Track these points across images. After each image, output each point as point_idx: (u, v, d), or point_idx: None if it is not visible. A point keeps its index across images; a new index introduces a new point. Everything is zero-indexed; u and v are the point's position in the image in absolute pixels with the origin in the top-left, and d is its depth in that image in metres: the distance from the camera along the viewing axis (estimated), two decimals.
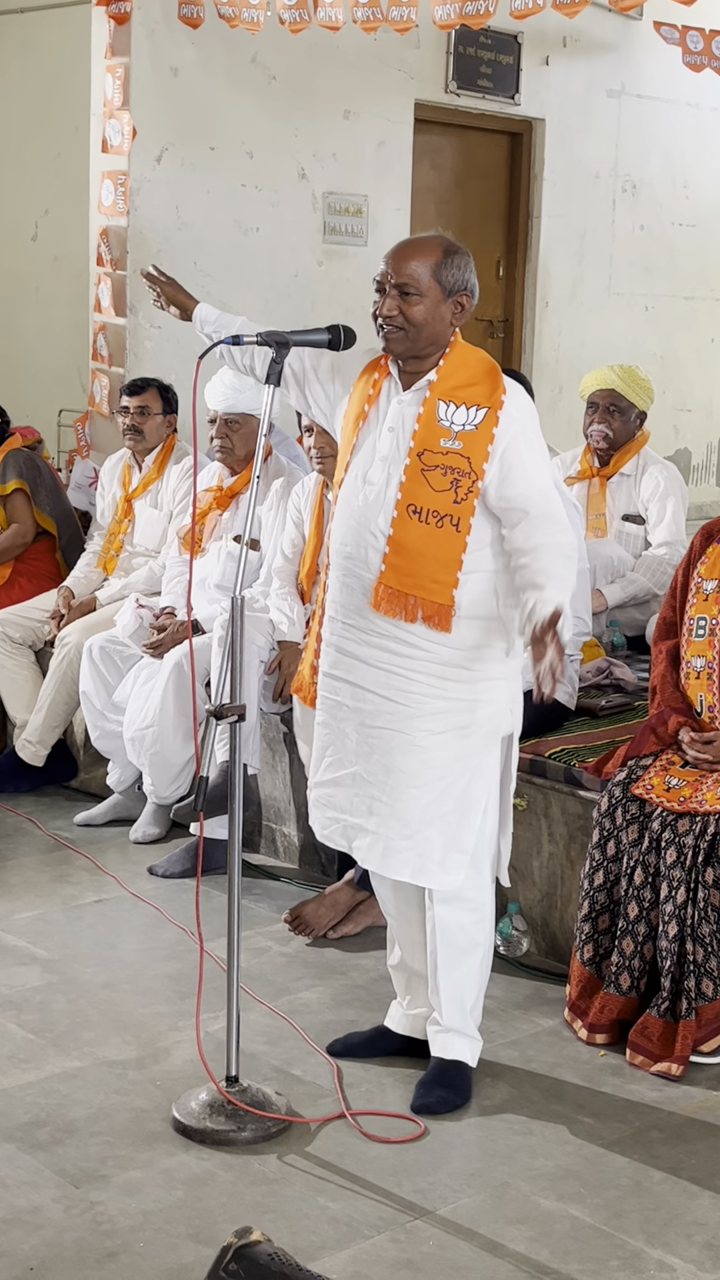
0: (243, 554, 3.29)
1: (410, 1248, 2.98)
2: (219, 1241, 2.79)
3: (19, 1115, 3.43)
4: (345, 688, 3.50)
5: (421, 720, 3.42)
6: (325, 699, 3.56)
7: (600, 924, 3.87)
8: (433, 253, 3.41)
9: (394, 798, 3.44)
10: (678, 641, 4.01)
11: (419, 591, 3.37)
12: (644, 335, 9.13)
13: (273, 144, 7.34)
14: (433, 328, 3.41)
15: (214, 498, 5.33)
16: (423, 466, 3.37)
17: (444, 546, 3.37)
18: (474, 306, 3.52)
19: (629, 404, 5.51)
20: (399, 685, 3.43)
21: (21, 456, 6.17)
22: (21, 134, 8.24)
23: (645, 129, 9.01)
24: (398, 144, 7.85)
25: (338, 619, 3.52)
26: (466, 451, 3.36)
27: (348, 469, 3.51)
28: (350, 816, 3.49)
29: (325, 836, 3.60)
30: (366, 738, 3.47)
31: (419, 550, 3.37)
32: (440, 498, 3.36)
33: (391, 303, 3.40)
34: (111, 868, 4.97)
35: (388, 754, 3.44)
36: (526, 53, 8.31)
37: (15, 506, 6.10)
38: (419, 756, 3.42)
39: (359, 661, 3.47)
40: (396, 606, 3.39)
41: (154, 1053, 3.74)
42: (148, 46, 6.83)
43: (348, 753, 3.49)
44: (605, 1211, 3.12)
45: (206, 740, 3.49)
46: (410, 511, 3.37)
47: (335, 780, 3.52)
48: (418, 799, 3.42)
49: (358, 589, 3.45)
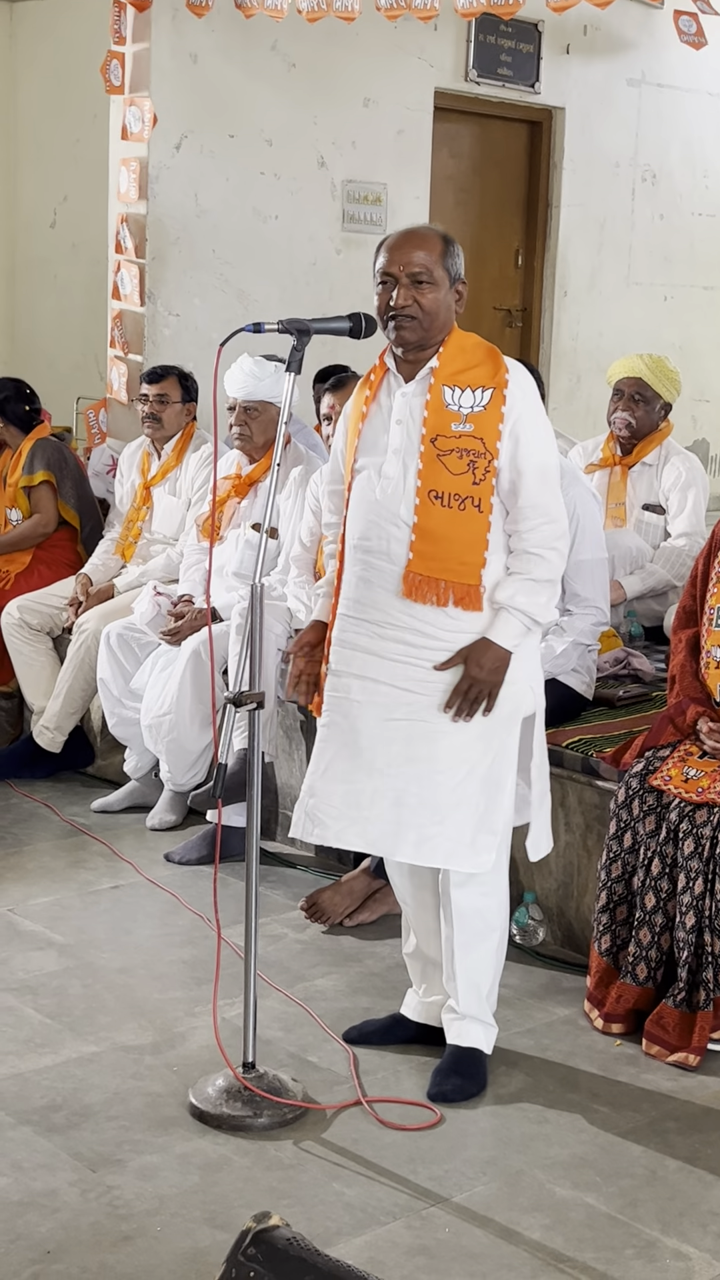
0: (262, 542, 3.29)
1: (425, 1234, 2.99)
2: (235, 1226, 2.80)
3: (36, 1099, 3.44)
4: (355, 683, 3.49)
5: (441, 708, 3.43)
6: (335, 698, 3.52)
7: (618, 915, 3.87)
8: (436, 242, 3.46)
9: (421, 786, 3.44)
10: (698, 630, 4.00)
11: (448, 575, 3.39)
12: (663, 325, 9.10)
13: (292, 132, 7.33)
14: (443, 315, 3.45)
15: (233, 485, 5.33)
16: (438, 452, 3.39)
17: (468, 528, 3.39)
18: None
19: (654, 394, 5.49)
20: (416, 675, 3.43)
21: (50, 447, 6.18)
22: (40, 121, 8.24)
23: (665, 118, 8.98)
24: (417, 132, 7.83)
25: (350, 615, 3.52)
26: (479, 433, 3.39)
27: (356, 467, 3.51)
28: (372, 810, 3.48)
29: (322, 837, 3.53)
30: (384, 730, 3.46)
31: (444, 534, 3.38)
32: (459, 480, 3.38)
33: (405, 293, 3.41)
34: (128, 854, 4.98)
35: (409, 744, 3.44)
36: (547, 41, 8.28)
37: (40, 497, 6.10)
38: (442, 743, 3.43)
39: (372, 655, 3.47)
40: (428, 592, 3.40)
41: (170, 1038, 3.75)
42: (168, 33, 6.82)
43: (362, 748, 3.48)
44: (620, 1200, 3.13)
45: (225, 728, 3.50)
46: (433, 497, 3.38)
47: (346, 776, 3.48)
48: (445, 784, 3.43)
49: (377, 582, 3.46)
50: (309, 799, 3.54)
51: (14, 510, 6.14)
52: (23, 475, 6.08)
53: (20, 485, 6.08)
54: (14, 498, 6.12)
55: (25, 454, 6.12)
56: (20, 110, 8.34)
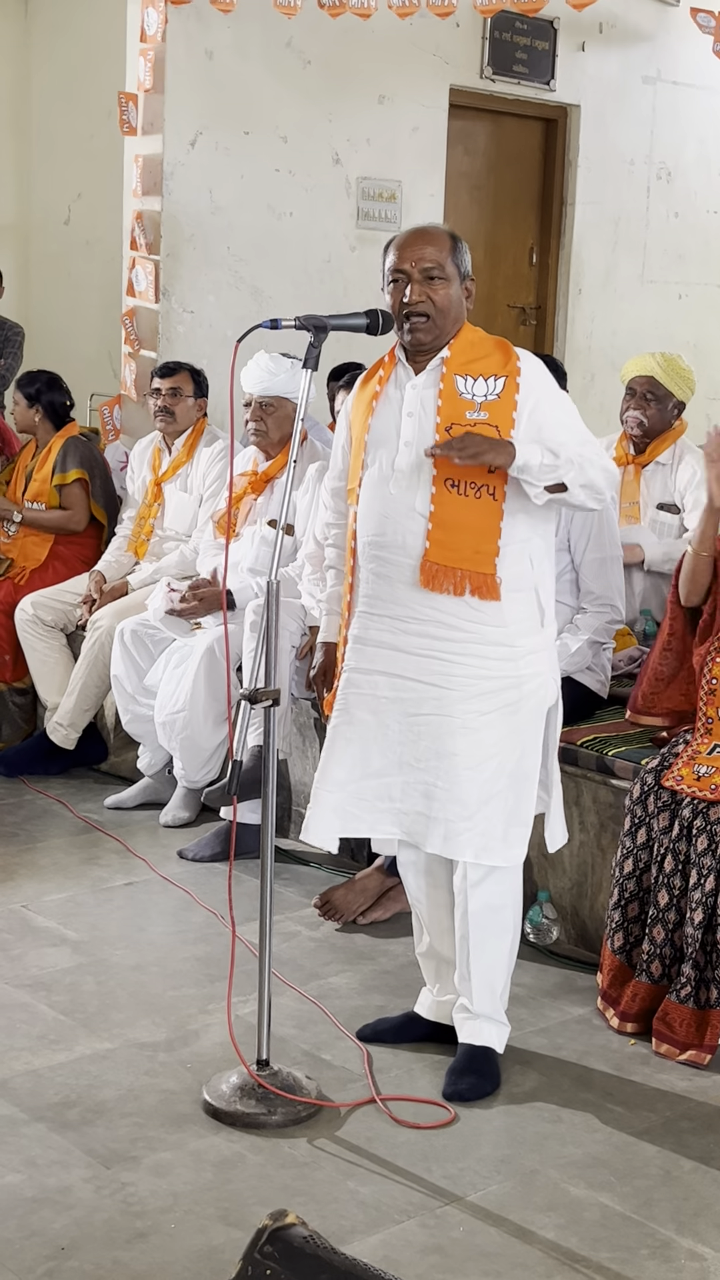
0: (279, 538, 3.29)
1: (440, 1233, 2.98)
2: (249, 1224, 2.80)
3: (50, 1095, 3.44)
4: (382, 679, 3.48)
5: (468, 703, 3.42)
6: (360, 695, 3.50)
7: (630, 912, 3.87)
8: (444, 239, 3.47)
9: (450, 781, 3.43)
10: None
11: (464, 564, 3.38)
12: (677, 323, 9.08)
13: (307, 128, 7.32)
14: (455, 311, 3.46)
15: (249, 482, 5.33)
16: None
17: (482, 516, 3.38)
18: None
19: (667, 392, 5.47)
20: (441, 670, 3.42)
21: (82, 445, 6.19)
22: (54, 117, 8.24)
23: (680, 116, 8.95)
24: (432, 129, 7.82)
25: (369, 612, 3.51)
26: (494, 420, 3.38)
27: (366, 461, 3.50)
28: (404, 804, 3.48)
29: (355, 829, 3.54)
30: (411, 725, 3.46)
31: (460, 523, 3.38)
32: (475, 469, 3.37)
33: (419, 288, 3.41)
34: (141, 851, 4.98)
35: (437, 739, 3.44)
36: (562, 38, 8.26)
37: (72, 495, 6.10)
38: (470, 738, 3.42)
39: (397, 651, 3.46)
40: (446, 582, 3.39)
41: (183, 1035, 3.75)
42: (182, 30, 6.82)
43: (391, 743, 3.48)
44: (635, 1200, 3.12)
45: (240, 724, 3.49)
46: (449, 485, 3.38)
47: (378, 772, 3.48)
48: (473, 779, 3.42)
49: (395, 577, 3.45)
50: (333, 797, 3.49)
51: (36, 504, 6.14)
52: (56, 473, 6.09)
53: (54, 483, 6.09)
54: (40, 493, 6.12)
55: (56, 451, 6.12)
56: (34, 106, 8.34)
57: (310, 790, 3.58)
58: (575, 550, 4.55)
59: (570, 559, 4.55)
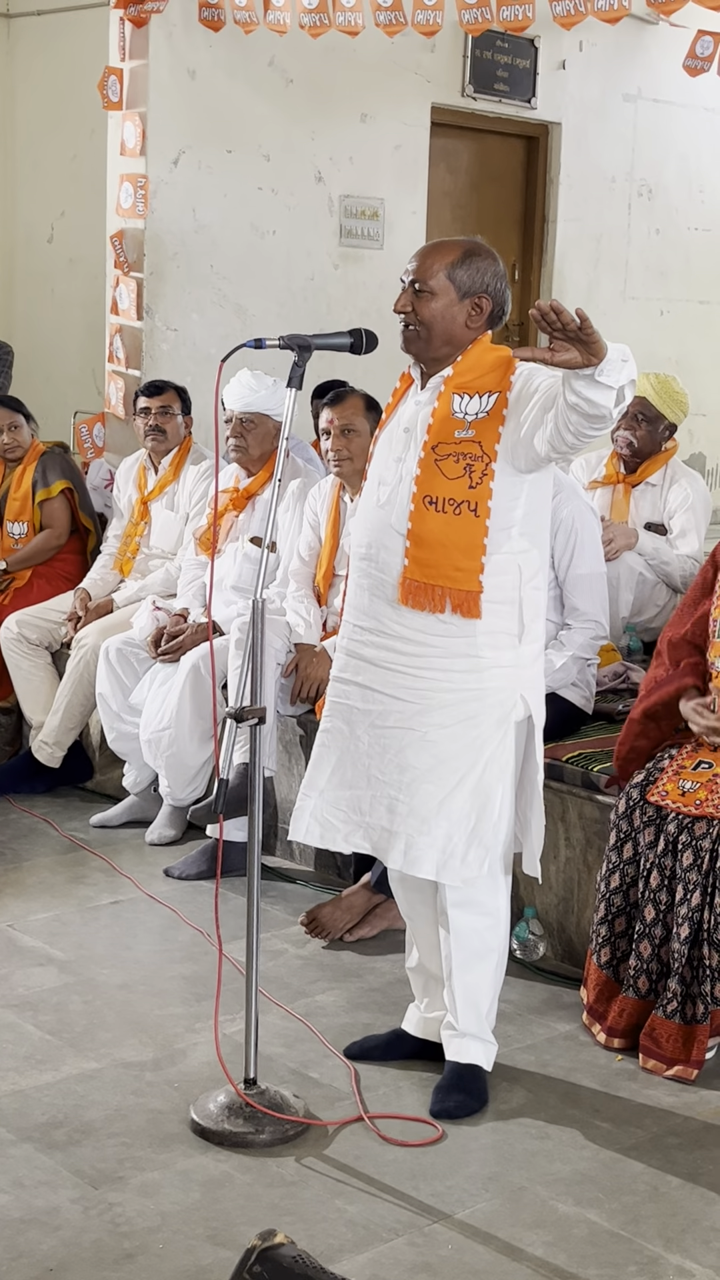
0: (264, 557, 3.30)
1: (428, 1251, 2.98)
2: (237, 1243, 2.79)
3: (36, 1116, 3.43)
4: (356, 691, 3.51)
5: (430, 715, 3.42)
6: (336, 704, 3.55)
7: (616, 926, 3.87)
8: (452, 252, 3.43)
9: (410, 794, 3.43)
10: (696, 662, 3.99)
11: (444, 581, 3.37)
12: (659, 340, 9.11)
13: (289, 147, 7.35)
14: (445, 327, 3.41)
15: (230, 499, 5.34)
16: (436, 457, 3.38)
17: (464, 533, 3.36)
18: (499, 311, 3.49)
19: (658, 414, 5.48)
20: (406, 684, 3.43)
21: (59, 457, 6.18)
22: (38, 136, 8.25)
23: (661, 133, 9.00)
24: (414, 147, 7.85)
25: (351, 622, 3.54)
26: (478, 437, 3.36)
27: (369, 473, 3.55)
28: (371, 817, 3.49)
29: (332, 840, 3.56)
30: (378, 738, 3.47)
31: (439, 540, 3.37)
32: (455, 485, 3.36)
33: (405, 298, 3.42)
34: (127, 869, 4.98)
35: (400, 752, 3.44)
36: (543, 57, 8.30)
37: (54, 510, 6.10)
38: (430, 751, 3.42)
39: (368, 663, 3.48)
40: (424, 599, 3.39)
41: (171, 1054, 3.74)
42: (165, 49, 6.84)
43: (360, 755, 3.50)
44: (623, 1216, 3.12)
45: (225, 742, 3.50)
46: (427, 503, 3.37)
47: (350, 782, 3.51)
48: (433, 794, 3.42)
49: (375, 591, 3.46)
50: (312, 801, 3.54)
51: (17, 524, 6.13)
52: (39, 489, 6.08)
53: (37, 499, 6.08)
54: (23, 511, 6.11)
55: (33, 468, 6.12)
56: (18, 125, 8.35)
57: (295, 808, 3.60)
58: (559, 566, 4.56)
59: (554, 575, 4.56)
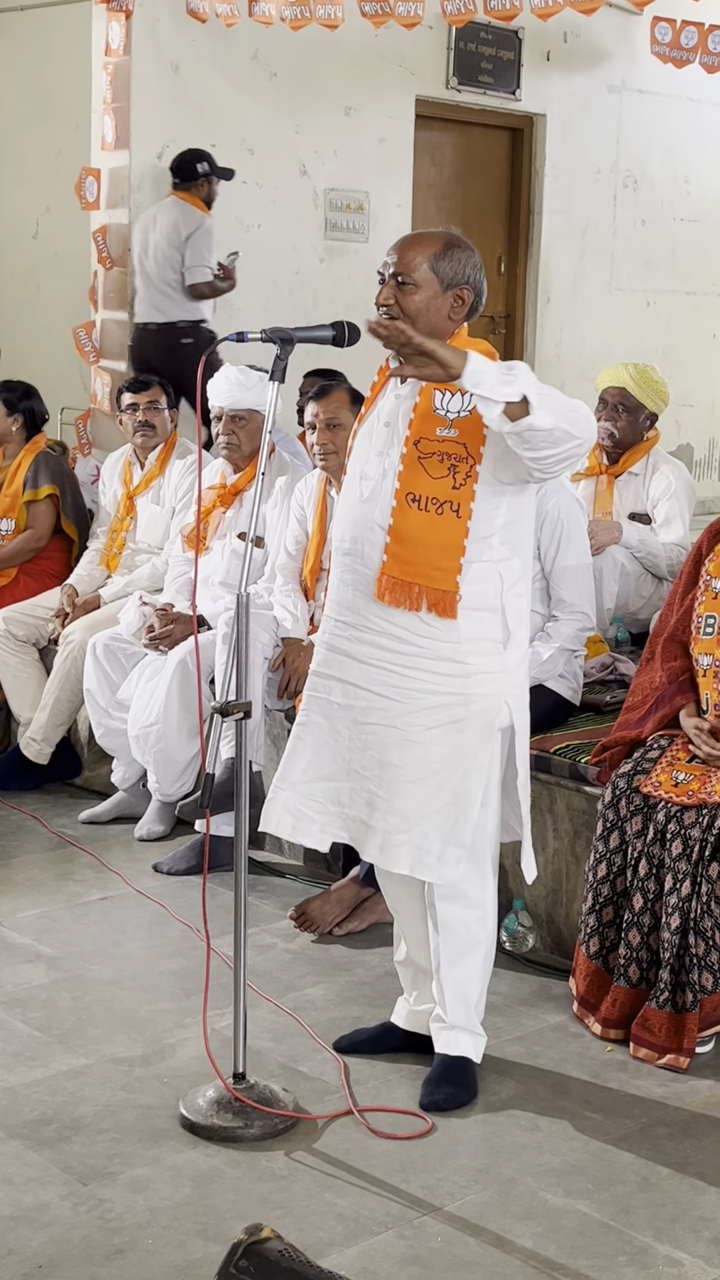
0: (248, 551, 3.29)
1: (418, 1244, 2.98)
2: (227, 1238, 2.79)
3: (26, 1112, 3.43)
4: (337, 685, 3.49)
5: (415, 715, 3.41)
6: (315, 698, 3.53)
7: (604, 916, 3.87)
8: (433, 244, 3.40)
9: (391, 792, 3.43)
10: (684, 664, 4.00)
11: (422, 580, 3.37)
12: (645, 331, 9.13)
13: (274, 141, 7.34)
14: (428, 319, 3.39)
15: (218, 495, 5.33)
16: (419, 455, 3.36)
17: (445, 533, 3.36)
18: (478, 303, 3.49)
19: (638, 404, 5.48)
20: (392, 681, 3.43)
21: (53, 460, 6.18)
22: (22, 131, 8.24)
23: (646, 124, 9.01)
24: (399, 140, 7.85)
25: (333, 617, 3.53)
26: (462, 438, 3.34)
27: (349, 467, 3.53)
28: (351, 809, 3.49)
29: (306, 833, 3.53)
30: (360, 734, 3.46)
31: (420, 538, 3.36)
32: (438, 484, 3.35)
33: (387, 291, 3.39)
34: (116, 865, 4.97)
35: (382, 749, 3.44)
36: (527, 48, 8.31)
37: (39, 512, 6.08)
38: (413, 751, 3.42)
39: (350, 659, 3.47)
40: (401, 596, 3.38)
41: (160, 1050, 3.74)
42: (149, 44, 6.82)
43: (340, 749, 3.49)
44: (612, 1207, 3.12)
45: (212, 737, 3.49)
46: (409, 500, 3.37)
47: (328, 775, 3.50)
48: (414, 793, 3.42)
49: (357, 585, 3.45)
50: (284, 794, 3.53)
51: (5, 520, 6.12)
52: (27, 489, 6.07)
53: (24, 499, 6.07)
54: (12, 508, 6.10)
55: (26, 466, 6.11)
56: (2, 121, 8.34)
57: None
58: (545, 558, 4.55)
59: (540, 567, 4.56)
